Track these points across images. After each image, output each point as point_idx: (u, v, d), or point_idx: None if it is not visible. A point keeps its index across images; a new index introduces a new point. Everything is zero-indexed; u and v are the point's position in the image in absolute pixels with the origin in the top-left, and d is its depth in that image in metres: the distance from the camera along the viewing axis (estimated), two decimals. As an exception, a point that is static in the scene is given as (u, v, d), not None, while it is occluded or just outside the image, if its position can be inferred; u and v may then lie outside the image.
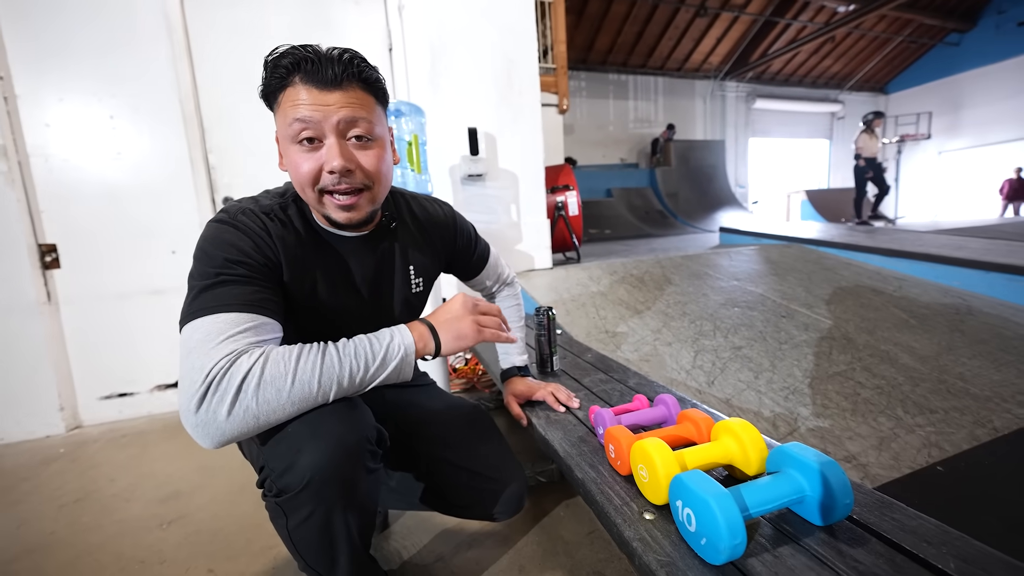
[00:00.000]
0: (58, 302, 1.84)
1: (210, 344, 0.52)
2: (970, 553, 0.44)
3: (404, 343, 0.61)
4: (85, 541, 1.10)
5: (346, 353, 0.57)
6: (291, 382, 0.53)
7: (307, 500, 0.57)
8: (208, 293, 0.56)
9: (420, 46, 2.18)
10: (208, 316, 0.54)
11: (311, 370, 0.54)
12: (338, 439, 0.57)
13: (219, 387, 0.50)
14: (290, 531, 0.60)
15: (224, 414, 0.50)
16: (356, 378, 0.57)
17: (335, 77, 0.58)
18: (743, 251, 3.18)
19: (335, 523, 0.60)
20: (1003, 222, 5.20)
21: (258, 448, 0.60)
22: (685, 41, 9.31)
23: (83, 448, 1.67)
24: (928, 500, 1.03)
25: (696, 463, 0.55)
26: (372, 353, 0.59)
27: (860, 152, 5.13)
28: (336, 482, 0.57)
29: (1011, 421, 1.34)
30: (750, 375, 1.59)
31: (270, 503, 0.59)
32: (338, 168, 0.59)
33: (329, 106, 0.58)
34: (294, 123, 0.58)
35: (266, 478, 0.59)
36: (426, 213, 0.83)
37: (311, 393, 0.54)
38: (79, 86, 1.79)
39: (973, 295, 2.37)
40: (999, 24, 9.58)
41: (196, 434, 0.51)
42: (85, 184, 1.84)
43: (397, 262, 0.78)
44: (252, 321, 0.56)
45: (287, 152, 0.62)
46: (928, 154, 11.06)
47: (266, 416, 0.52)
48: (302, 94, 0.58)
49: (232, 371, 0.51)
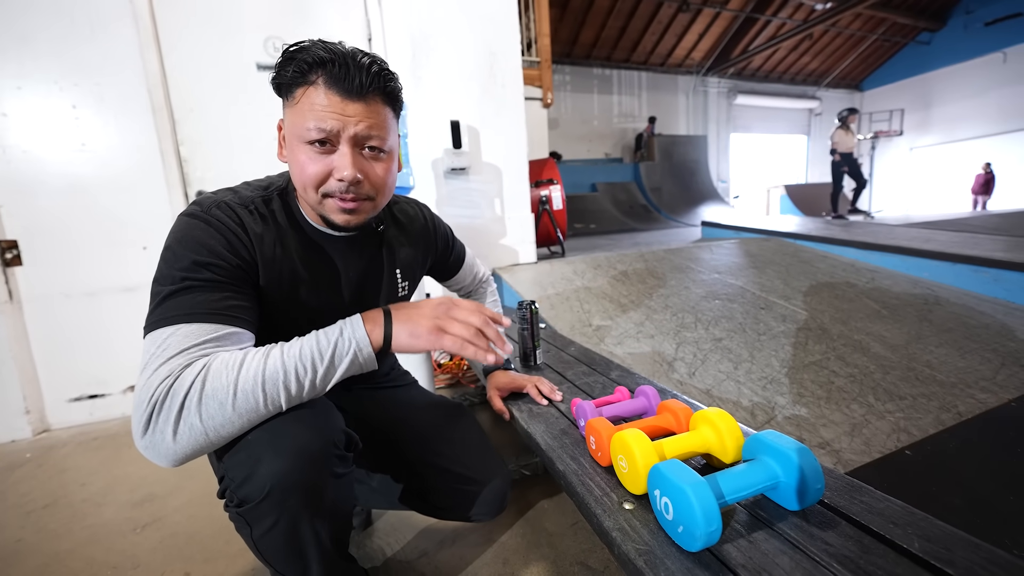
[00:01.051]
0: (20, 301, 1.75)
1: (161, 359, 0.49)
2: (934, 533, 0.45)
3: (355, 337, 0.56)
4: (54, 548, 1.06)
5: (290, 355, 0.52)
6: (233, 393, 0.49)
7: (269, 510, 0.54)
8: (171, 300, 0.53)
9: (400, 37, 2.14)
10: (168, 327, 0.51)
11: (253, 378, 0.50)
12: (300, 446, 0.53)
13: (163, 407, 0.47)
14: (255, 541, 0.57)
15: (171, 434, 0.47)
16: (304, 383, 0.53)
17: (360, 88, 0.56)
18: (724, 245, 3.24)
19: (302, 531, 0.57)
20: (971, 216, 5.41)
21: (217, 457, 0.56)
22: (668, 36, 9.39)
23: (51, 452, 1.61)
24: (897, 483, 1.07)
25: (674, 453, 0.56)
26: (319, 352, 0.54)
27: (836, 147, 5.26)
28: (299, 490, 0.54)
29: (974, 406, 1.40)
30: (730, 366, 1.62)
31: (232, 512, 0.56)
32: (349, 178, 0.58)
33: (349, 117, 0.56)
34: (310, 127, 0.56)
35: (226, 488, 0.56)
36: (407, 216, 0.83)
37: (257, 404, 0.50)
38: (38, 74, 1.70)
39: (941, 286, 2.47)
40: (967, 24, 9.93)
41: (148, 456, 0.49)
42: (48, 177, 1.75)
43: (385, 265, 0.76)
44: (216, 332, 0.52)
45: (293, 149, 0.59)
46: (900, 150, 11.44)
47: (215, 432, 0.49)
48: (323, 98, 0.55)
49: (176, 386, 0.48)
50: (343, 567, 0.67)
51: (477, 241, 2.37)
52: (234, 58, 1.93)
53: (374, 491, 0.89)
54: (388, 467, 0.84)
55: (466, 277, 1.00)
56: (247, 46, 1.94)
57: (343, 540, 0.68)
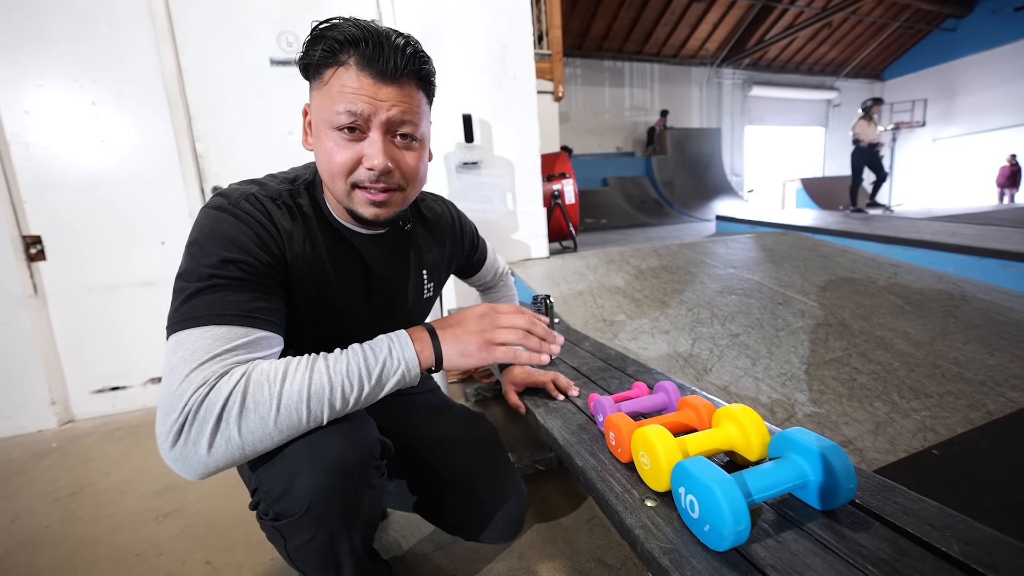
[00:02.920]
0: (45, 295, 1.80)
1: (192, 364, 0.46)
2: (973, 536, 0.43)
3: (405, 357, 0.54)
4: (80, 535, 1.09)
5: (337, 371, 0.50)
6: (276, 408, 0.47)
7: (307, 525, 0.52)
8: (198, 299, 0.49)
9: (412, 29, 2.13)
10: (196, 328, 0.48)
11: (298, 393, 0.48)
12: (339, 459, 0.52)
13: (196, 417, 0.44)
14: (289, 552, 0.56)
15: (205, 448, 0.45)
16: (349, 399, 0.51)
17: (395, 69, 0.52)
18: (739, 239, 3.18)
19: (339, 543, 0.56)
20: (996, 209, 5.23)
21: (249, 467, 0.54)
22: (681, 27, 9.21)
23: (76, 442, 1.65)
24: (924, 483, 1.04)
25: (698, 449, 0.55)
26: (367, 369, 0.52)
27: (858, 138, 5.11)
28: (338, 505, 0.53)
29: (1005, 404, 1.35)
30: (747, 362, 1.59)
31: (266, 525, 0.55)
32: (379, 167, 0.54)
33: (382, 101, 0.53)
34: (340, 111, 0.52)
35: (260, 500, 0.54)
36: (434, 214, 0.80)
37: (299, 420, 0.48)
38: (59, 71, 1.73)
39: (967, 281, 2.39)
40: (996, 9, 9.54)
41: (175, 468, 0.46)
42: (69, 173, 1.79)
43: (412, 266, 0.74)
44: (244, 336, 0.49)
45: (320, 135, 0.55)
46: (923, 141, 11.09)
47: (252, 446, 0.47)
48: (355, 81, 0.52)
49: (211, 398, 0.45)
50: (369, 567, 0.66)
51: (489, 236, 2.33)
52: (248, 53, 1.94)
53: (391, 493, 0.88)
54: (406, 474, 0.83)
55: (488, 273, 0.98)
56: (260, 41, 1.95)
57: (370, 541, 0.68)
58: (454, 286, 2.26)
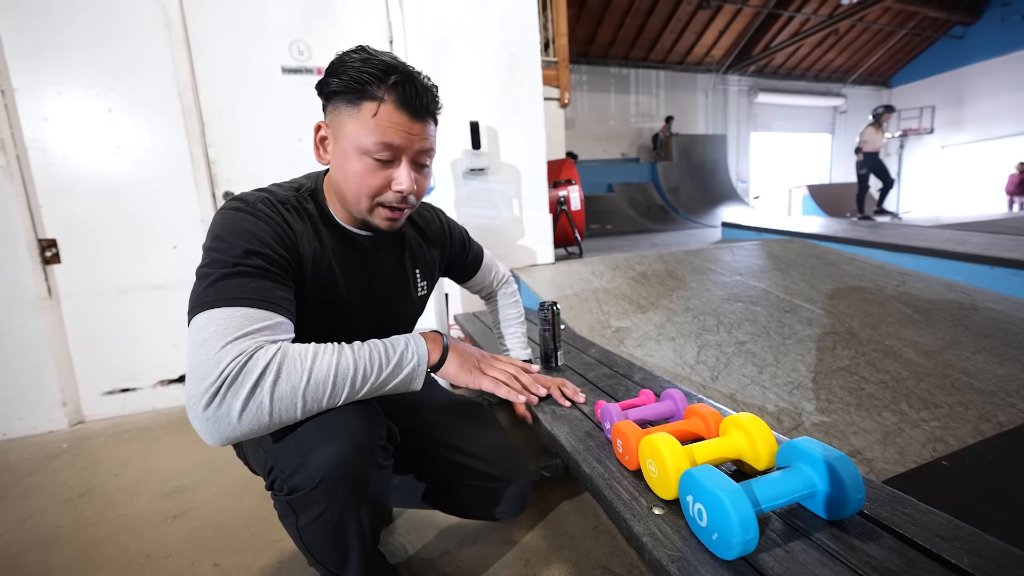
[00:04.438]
0: (59, 297, 1.83)
1: (226, 338, 0.50)
2: (984, 549, 0.43)
3: (419, 352, 0.62)
4: (90, 535, 1.11)
5: (360, 356, 0.57)
6: (307, 380, 0.52)
7: (319, 499, 0.56)
8: (226, 282, 0.54)
9: (421, 38, 2.16)
10: (225, 308, 0.52)
11: (327, 370, 0.53)
12: (350, 436, 0.56)
13: (235, 382, 0.48)
14: (300, 529, 0.59)
15: (237, 411, 0.48)
16: (368, 381, 0.57)
17: (424, 108, 0.61)
18: (745, 246, 3.17)
19: (347, 521, 0.59)
20: (1006, 217, 5.18)
21: (265, 449, 0.59)
22: (687, 34, 9.25)
23: (87, 443, 1.67)
24: (934, 495, 1.03)
25: (705, 458, 0.55)
26: (386, 358, 0.59)
27: (862, 146, 5.09)
28: (348, 480, 0.57)
29: (1016, 416, 1.34)
30: (754, 370, 1.58)
31: (280, 501, 0.58)
32: (407, 191, 0.63)
33: (415, 136, 0.61)
34: (378, 142, 0.59)
35: (275, 478, 0.58)
36: (424, 219, 0.87)
37: (324, 394, 0.53)
38: (77, 79, 1.78)
39: (977, 290, 2.36)
40: (1004, 16, 9.50)
41: (204, 429, 0.49)
42: (84, 178, 1.82)
43: (407, 265, 0.81)
44: (268, 319, 0.54)
45: (350, 158, 0.61)
46: (931, 148, 11.02)
47: (278, 415, 0.51)
48: (394, 117, 0.59)
49: (249, 365, 0.49)
50: (378, 559, 0.68)
51: (495, 242, 2.37)
52: (260, 62, 1.98)
53: (397, 490, 0.90)
54: (411, 465, 0.85)
55: (485, 278, 1.01)
56: (272, 50, 1.99)
57: (378, 532, 0.70)
58: (460, 294, 2.27)
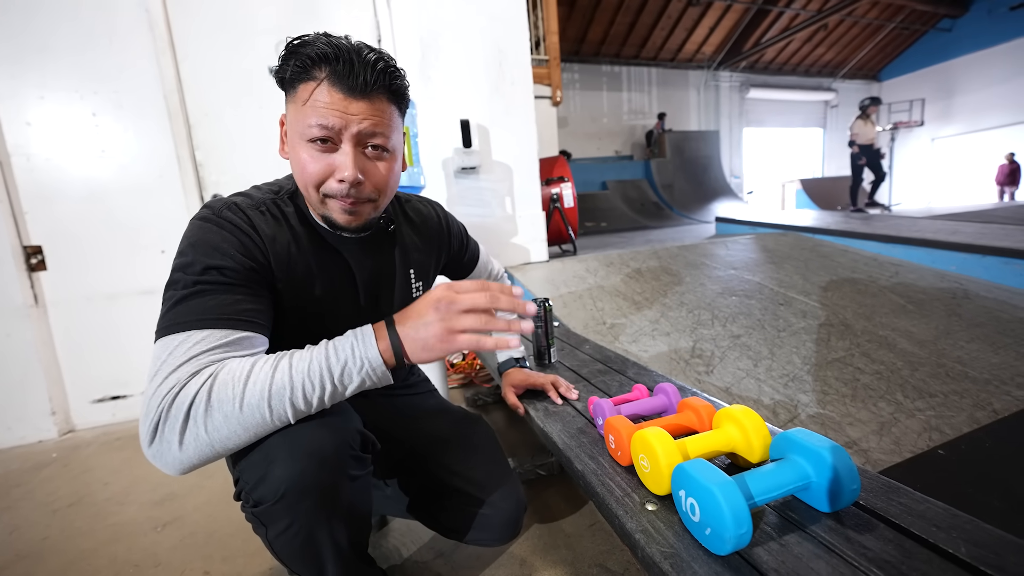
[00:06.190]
0: (45, 304, 1.80)
1: (170, 367, 0.48)
2: (980, 537, 0.42)
3: (368, 356, 0.51)
4: (78, 546, 1.08)
5: (299, 370, 0.50)
6: (239, 407, 0.47)
7: (283, 512, 0.53)
8: (183, 305, 0.51)
9: (410, 37, 2.14)
10: (179, 333, 0.50)
11: (260, 393, 0.48)
12: (315, 448, 0.53)
13: (168, 417, 0.47)
14: (271, 541, 0.57)
15: (176, 444, 0.47)
16: (312, 399, 0.50)
17: (364, 85, 0.55)
18: (740, 240, 3.17)
19: (317, 534, 0.56)
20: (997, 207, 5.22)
21: (232, 459, 0.57)
22: (678, 31, 9.27)
23: (76, 452, 1.65)
24: (931, 484, 1.03)
25: (698, 452, 0.54)
26: (328, 370, 0.50)
27: (855, 139, 5.12)
28: (314, 493, 0.54)
29: (1011, 403, 1.34)
30: (749, 363, 1.58)
31: (247, 512, 0.56)
32: (349, 179, 0.56)
33: (352, 115, 0.55)
34: (312, 124, 0.55)
35: (241, 489, 0.56)
36: (420, 215, 0.82)
37: (264, 418, 0.49)
38: (60, 83, 1.75)
39: (969, 279, 2.37)
40: (991, 9, 9.59)
41: (156, 464, 0.48)
42: (69, 184, 1.79)
43: (398, 266, 0.75)
44: (227, 337, 0.51)
45: (295, 146, 0.58)
46: (921, 141, 11.10)
47: (221, 443, 0.48)
48: (326, 96, 0.54)
49: (179, 398, 0.47)
50: (360, 569, 0.66)
51: (488, 240, 2.36)
52: (246, 62, 1.96)
53: (388, 498, 0.88)
54: (401, 476, 0.83)
55: (480, 275, 0.99)
56: (258, 50, 1.97)
57: (361, 542, 0.67)
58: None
